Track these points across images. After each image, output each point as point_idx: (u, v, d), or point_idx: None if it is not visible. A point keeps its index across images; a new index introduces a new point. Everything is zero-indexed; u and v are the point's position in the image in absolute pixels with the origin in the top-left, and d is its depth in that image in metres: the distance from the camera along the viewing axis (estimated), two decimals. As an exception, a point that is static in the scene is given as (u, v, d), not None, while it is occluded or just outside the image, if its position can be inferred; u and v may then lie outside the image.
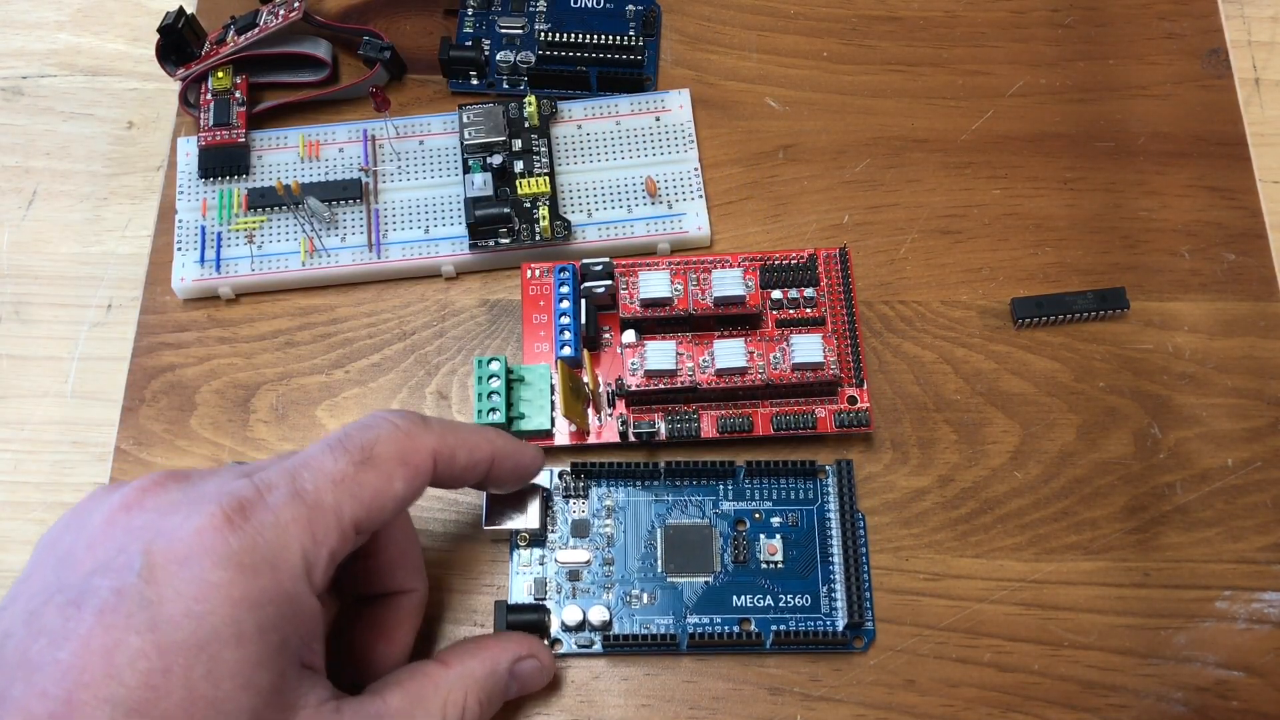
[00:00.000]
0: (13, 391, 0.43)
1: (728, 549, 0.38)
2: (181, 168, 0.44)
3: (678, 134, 0.44)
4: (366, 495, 0.28)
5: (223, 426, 0.40)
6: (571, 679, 0.37)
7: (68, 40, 0.49)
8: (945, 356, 0.41)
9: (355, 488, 0.28)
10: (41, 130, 0.47)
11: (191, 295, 0.42)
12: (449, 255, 0.42)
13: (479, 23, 0.46)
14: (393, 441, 0.29)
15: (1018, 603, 0.38)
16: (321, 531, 0.27)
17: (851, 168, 0.45)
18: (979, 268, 0.43)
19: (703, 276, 0.39)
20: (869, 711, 0.36)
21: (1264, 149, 0.46)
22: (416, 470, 0.29)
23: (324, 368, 0.41)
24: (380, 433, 0.29)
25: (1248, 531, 0.39)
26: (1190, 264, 0.43)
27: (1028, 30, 0.47)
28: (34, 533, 0.41)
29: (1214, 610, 0.38)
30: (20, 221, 0.46)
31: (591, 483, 0.39)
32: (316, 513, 0.27)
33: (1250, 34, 0.49)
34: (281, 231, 0.42)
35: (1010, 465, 0.40)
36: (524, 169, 0.43)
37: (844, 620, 0.37)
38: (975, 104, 0.46)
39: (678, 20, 0.47)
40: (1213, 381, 0.41)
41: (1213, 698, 0.37)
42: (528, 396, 0.39)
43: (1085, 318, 0.42)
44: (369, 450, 0.28)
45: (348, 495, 0.28)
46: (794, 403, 0.39)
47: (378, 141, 0.44)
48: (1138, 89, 0.46)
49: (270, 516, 0.26)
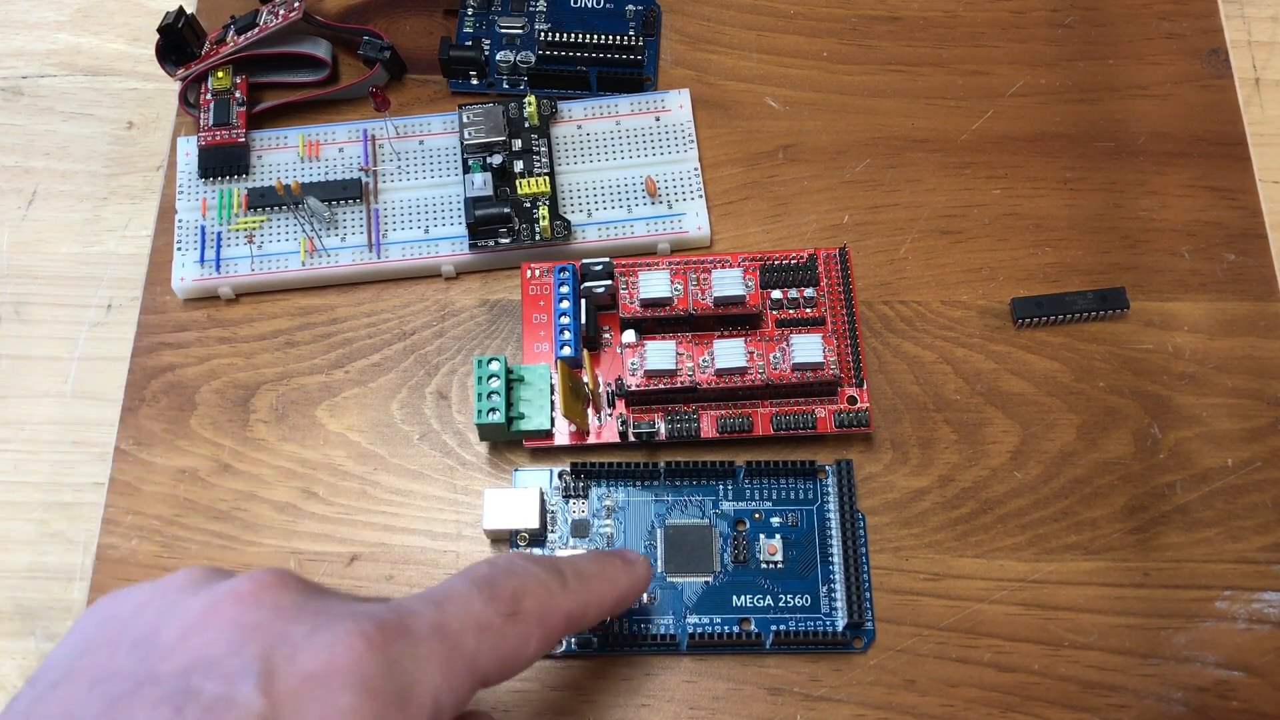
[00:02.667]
0: (13, 391, 0.43)
1: (728, 549, 0.38)
2: (181, 168, 0.44)
3: (678, 134, 0.44)
4: (504, 650, 0.26)
5: (223, 426, 0.40)
6: (571, 679, 0.37)
7: (68, 40, 0.49)
8: (945, 356, 0.41)
9: (497, 639, 0.26)
10: (41, 130, 0.47)
11: (191, 295, 0.42)
12: (449, 255, 0.42)
13: (479, 23, 0.46)
14: (537, 599, 0.27)
15: (1018, 603, 0.38)
16: (457, 676, 0.24)
17: (851, 168, 0.45)
18: (979, 268, 0.43)
19: (703, 276, 0.39)
20: (869, 711, 0.36)
21: (1264, 149, 0.46)
22: (549, 633, 0.27)
23: (324, 368, 0.41)
24: (527, 585, 0.27)
25: (1248, 531, 0.39)
26: (1190, 264, 0.43)
27: (1028, 30, 0.47)
28: (34, 533, 0.41)
29: (1214, 610, 0.38)
30: (20, 221, 0.46)
31: (591, 483, 0.39)
32: (455, 655, 0.25)
33: (1250, 34, 0.49)
34: (281, 231, 0.42)
35: (1010, 465, 0.40)
36: (524, 169, 0.43)
37: (844, 620, 0.37)
38: (975, 104, 0.46)
39: (678, 20, 0.47)
40: (1213, 381, 0.41)
41: (1213, 698, 0.37)
42: (528, 396, 0.39)
43: (1085, 318, 0.42)
44: (517, 603, 0.26)
45: (488, 645, 0.25)
46: (794, 403, 0.39)
47: (378, 141, 0.44)
48: (1138, 89, 0.46)
49: (410, 647, 0.24)
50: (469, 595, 0.26)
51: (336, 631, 0.23)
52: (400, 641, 0.24)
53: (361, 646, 0.23)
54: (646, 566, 0.33)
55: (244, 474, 0.40)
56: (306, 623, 0.23)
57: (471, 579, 0.27)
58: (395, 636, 0.24)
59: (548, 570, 0.28)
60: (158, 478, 0.40)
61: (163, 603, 0.24)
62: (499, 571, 0.27)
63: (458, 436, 0.40)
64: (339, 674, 0.22)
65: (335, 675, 0.22)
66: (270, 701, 0.21)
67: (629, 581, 0.31)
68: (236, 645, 0.23)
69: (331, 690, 0.22)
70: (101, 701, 0.22)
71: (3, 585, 0.40)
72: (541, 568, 0.28)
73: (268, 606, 0.24)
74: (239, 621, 0.23)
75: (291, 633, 0.23)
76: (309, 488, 0.40)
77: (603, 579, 0.30)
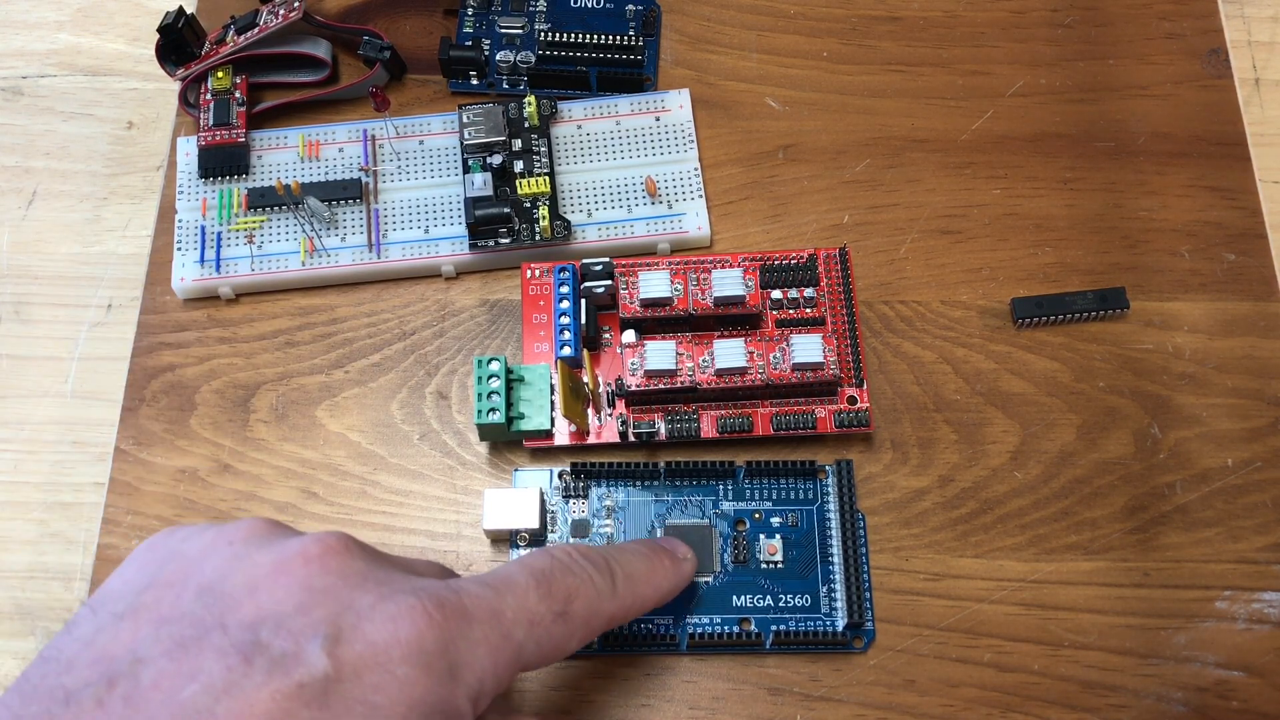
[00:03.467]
0: (13, 391, 0.43)
1: (728, 549, 0.38)
2: (181, 168, 0.44)
3: (678, 134, 0.44)
4: (548, 646, 0.27)
5: (223, 426, 0.40)
6: (571, 679, 0.37)
7: (68, 40, 0.49)
8: (945, 356, 0.41)
9: (544, 635, 0.27)
10: (41, 130, 0.47)
11: (191, 295, 0.42)
12: (449, 255, 0.42)
13: (479, 23, 0.46)
14: (587, 602, 0.28)
15: (1018, 603, 0.38)
16: (503, 662, 0.26)
17: (851, 168, 0.45)
18: (979, 268, 0.43)
19: (703, 276, 0.39)
20: (869, 711, 0.36)
21: (1264, 149, 0.46)
22: (591, 633, 0.29)
23: (324, 368, 0.41)
24: (581, 587, 0.28)
25: (1248, 531, 0.39)
26: (1190, 264, 0.43)
27: (1028, 30, 0.47)
28: (34, 533, 0.41)
29: (1214, 610, 0.38)
30: (20, 221, 0.46)
31: (591, 483, 0.39)
32: (505, 643, 0.26)
33: (1250, 34, 0.49)
34: (281, 231, 0.42)
35: (1010, 465, 0.40)
36: (524, 169, 0.43)
37: (844, 620, 0.37)
38: (975, 104, 0.46)
39: (678, 20, 0.47)
40: (1213, 381, 0.41)
41: (1213, 698, 0.37)
42: (528, 396, 0.39)
43: (1085, 318, 0.42)
44: (569, 603, 0.28)
45: (534, 639, 0.27)
46: (794, 403, 0.39)
47: (378, 141, 0.44)
48: (1138, 89, 0.46)
49: (466, 629, 0.25)
50: (526, 588, 0.27)
51: (400, 605, 0.24)
52: (458, 622, 0.25)
53: (423, 623, 0.24)
54: (693, 565, 0.34)
55: (244, 474, 0.40)
56: (372, 592, 0.24)
57: (531, 571, 0.27)
58: (454, 617, 0.25)
59: (601, 572, 0.29)
60: (158, 478, 0.40)
61: (229, 552, 0.25)
62: (557, 568, 0.28)
63: (458, 436, 0.40)
64: (400, 646, 0.23)
65: (397, 647, 0.23)
66: (335, 664, 0.22)
67: (672, 583, 0.32)
68: (305, 606, 0.23)
69: (392, 660, 0.23)
70: (169, 642, 0.23)
71: (3, 585, 0.40)
72: (595, 569, 0.29)
73: (334, 572, 0.24)
74: (308, 583, 0.24)
75: (358, 600, 0.24)
76: (309, 488, 0.40)
77: (649, 582, 0.31)
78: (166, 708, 0.21)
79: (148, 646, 0.23)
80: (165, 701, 0.22)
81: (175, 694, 0.22)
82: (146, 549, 0.26)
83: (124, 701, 0.22)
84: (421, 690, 0.23)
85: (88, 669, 0.22)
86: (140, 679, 0.22)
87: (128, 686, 0.22)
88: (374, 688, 0.23)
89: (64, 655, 0.23)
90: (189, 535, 0.26)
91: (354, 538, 0.26)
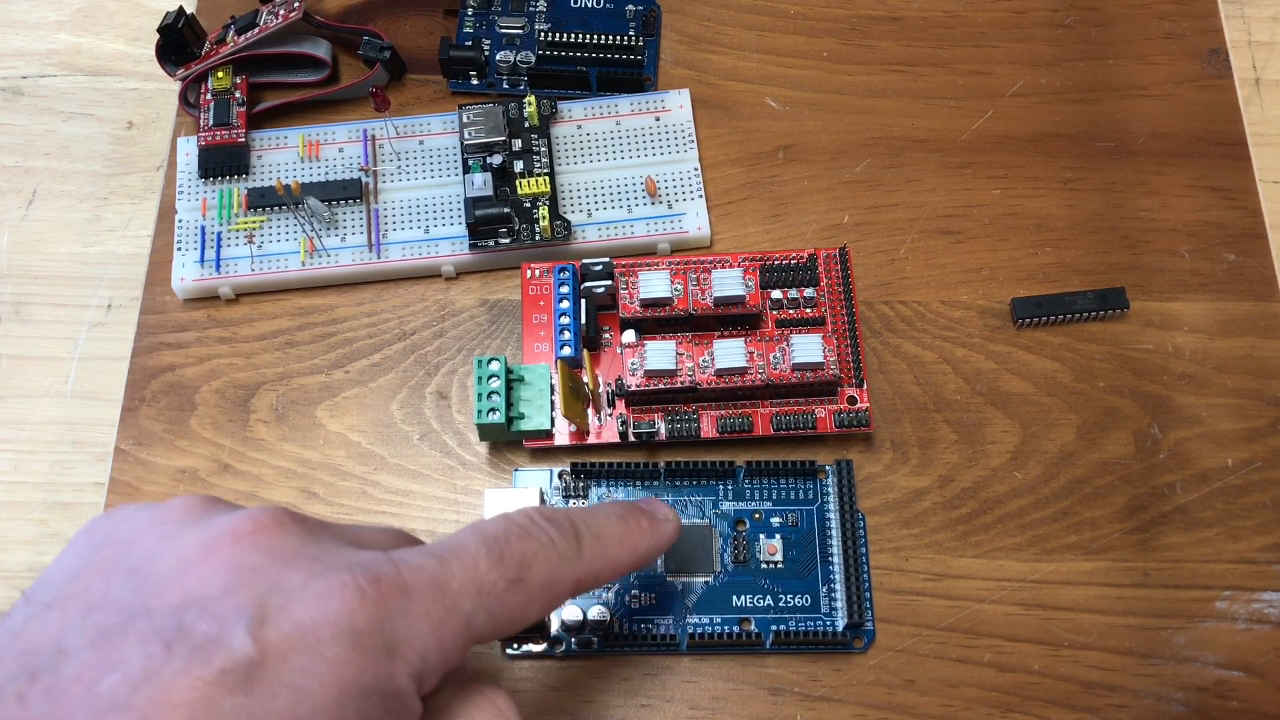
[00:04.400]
0: (13, 391, 0.43)
1: (728, 549, 0.38)
2: (181, 168, 0.44)
3: (678, 134, 0.44)
4: (502, 616, 0.25)
5: (223, 426, 0.40)
6: (571, 679, 0.37)
7: (68, 40, 0.49)
8: (945, 356, 0.41)
9: (495, 605, 0.25)
10: (41, 130, 0.47)
11: (191, 295, 0.42)
12: (449, 255, 0.42)
13: (479, 23, 0.46)
14: (547, 565, 0.26)
15: (1018, 603, 0.38)
16: (449, 636, 0.24)
17: (851, 168, 0.45)
18: (979, 268, 0.43)
19: (703, 276, 0.39)
20: (869, 711, 0.36)
21: (1264, 149, 0.46)
22: (554, 600, 0.27)
23: (324, 368, 0.41)
24: (539, 551, 0.26)
25: (1248, 531, 0.39)
26: (1190, 264, 0.43)
27: (1028, 30, 0.47)
28: (34, 533, 0.41)
29: (1214, 610, 0.38)
30: (20, 221, 0.46)
31: (591, 483, 0.39)
32: (450, 615, 0.24)
33: (1250, 34, 0.49)
34: (281, 231, 0.42)
35: (1010, 465, 0.40)
36: (524, 169, 0.43)
37: (844, 620, 0.37)
38: (975, 104, 0.46)
39: (678, 20, 0.47)
40: (1213, 381, 0.41)
41: (1213, 698, 0.37)
42: (528, 396, 0.39)
43: (1085, 318, 0.42)
44: (525, 569, 0.26)
45: (485, 609, 0.25)
46: (794, 403, 0.39)
47: (378, 141, 0.44)
48: (1138, 89, 0.46)
49: (404, 604, 0.23)
50: (475, 555, 0.25)
51: (331, 583, 0.23)
52: (395, 598, 0.23)
53: (354, 600, 0.23)
54: (675, 526, 0.31)
55: (244, 474, 0.40)
56: (303, 569, 0.23)
57: (482, 537, 0.26)
58: (390, 593, 0.23)
59: (563, 534, 0.27)
60: (158, 478, 0.40)
61: (160, 532, 0.24)
62: (513, 531, 0.26)
63: (458, 436, 0.40)
64: (329, 626, 0.22)
65: (325, 627, 0.22)
66: (260, 647, 0.21)
67: (650, 544, 0.30)
68: (231, 587, 0.22)
69: (320, 642, 0.22)
70: (93, 631, 0.22)
71: (3, 585, 0.40)
72: (557, 530, 0.27)
73: (264, 550, 0.23)
74: (235, 563, 0.23)
75: (286, 579, 0.23)
76: (309, 488, 0.40)
77: (622, 544, 0.29)
78: (85, 700, 0.21)
79: (72, 636, 0.22)
80: (84, 694, 0.21)
81: (94, 685, 0.21)
82: (83, 534, 0.25)
83: (45, 695, 0.21)
84: (354, 671, 0.22)
85: (13, 662, 0.22)
86: (62, 671, 0.21)
87: (49, 680, 0.21)
88: (302, 670, 0.22)
89: None
90: (123, 515, 0.25)
91: (291, 511, 0.25)
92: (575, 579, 0.27)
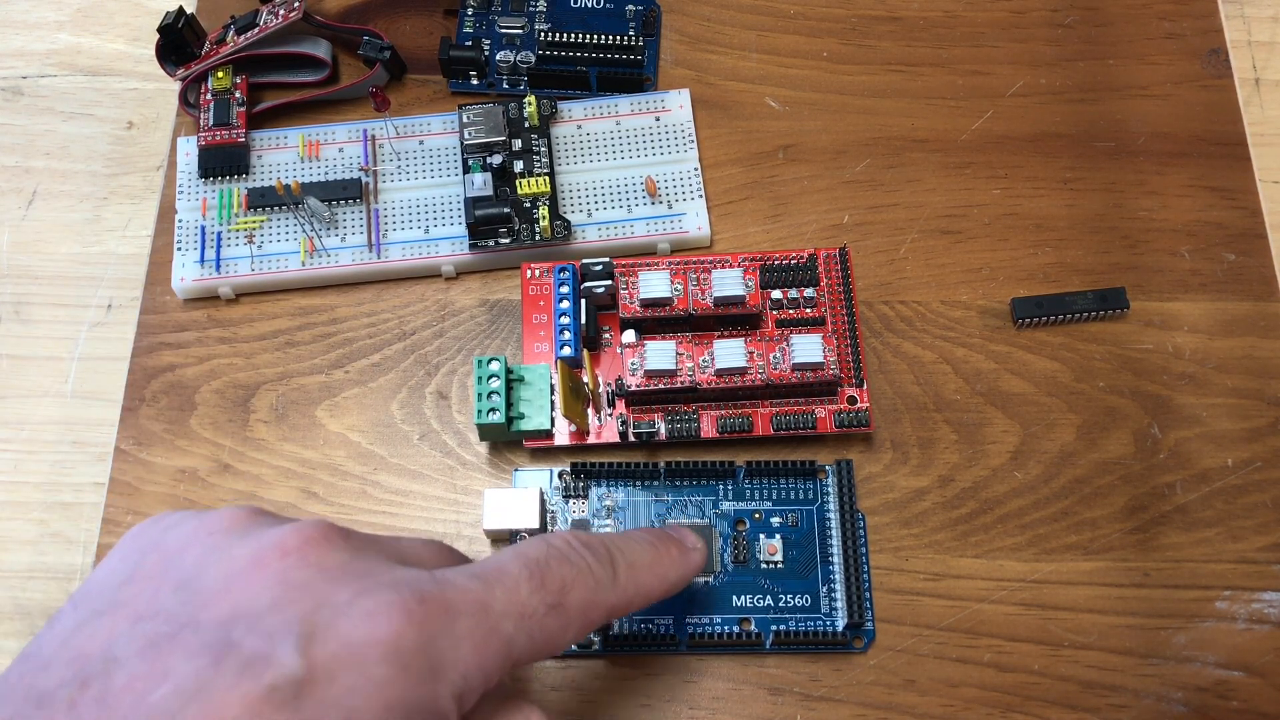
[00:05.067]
0: (13, 391, 0.43)
1: (728, 549, 0.38)
2: (181, 168, 0.44)
3: (678, 134, 0.44)
4: (541, 639, 0.26)
5: (223, 426, 0.40)
6: (571, 679, 0.37)
7: (68, 40, 0.49)
8: (945, 356, 0.41)
9: (535, 628, 0.25)
10: (41, 130, 0.47)
11: (191, 295, 0.42)
12: (449, 255, 0.42)
13: (479, 23, 0.46)
14: (584, 592, 0.27)
15: (1018, 603, 0.38)
16: (490, 658, 0.24)
17: (851, 168, 0.45)
18: (979, 268, 0.43)
19: (703, 276, 0.39)
20: (869, 711, 0.36)
21: (1264, 149, 0.46)
22: (589, 625, 0.27)
23: (324, 368, 0.41)
24: (578, 576, 0.27)
25: (1248, 531, 0.39)
26: (1190, 264, 0.43)
27: (1028, 30, 0.47)
28: (34, 533, 0.41)
29: (1214, 610, 0.38)
30: (20, 221, 0.46)
31: (591, 483, 0.39)
32: (492, 637, 0.24)
33: (1250, 34, 0.49)
34: (281, 231, 0.42)
35: (1010, 465, 0.40)
36: (524, 169, 0.43)
37: (844, 620, 0.37)
38: (975, 104, 0.46)
39: (678, 20, 0.47)
40: (1213, 381, 0.41)
41: (1213, 698, 0.37)
42: (528, 396, 0.39)
43: (1085, 318, 0.42)
44: (564, 594, 0.26)
45: (525, 632, 0.25)
46: (794, 403, 0.39)
47: (378, 141, 0.44)
48: (1138, 89, 0.46)
49: (449, 624, 0.24)
50: (518, 579, 0.26)
51: (379, 601, 0.23)
52: (440, 618, 0.23)
53: (401, 620, 0.23)
54: (702, 555, 0.32)
55: (244, 474, 0.40)
56: (350, 586, 0.23)
57: (524, 561, 0.26)
58: (436, 613, 0.23)
59: (600, 561, 0.28)
60: (158, 478, 0.40)
61: (208, 543, 0.24)
62: (553, 557, 0.27)
63: (458, 436, 0.40)
64: (376, 646, 0.22)
65: (373, 647, 0.22)
66: (307, 664, 0.22)
67: (679, 573, 0.31)
68: (279, 603, 0.23)
69: (368, 661, 0.22)
70: (142, 640, 0.22)
71: (3, 585, 0.40)
72: (595, 558, 0.28)
73: (312, 565, 0.24)
74: (283, 578, 0.23)
75: (334, 596, 0.23)
76: (309, 488, 0.40)
77: (654, 571, 0.30)
78: (136, 710, 0.21)
79: (122, 645, 0.22)
80: (135, 704, 0.21)
81: (145, 696, 0.21)
82: (130, 539, 0.26)
83: (96, 703, 0.21)
84: (400, 691, 0.22)
85: (64, 668, 0.22)
86: (113, 680, 0.21)
87: (100, 688, 0.21)
88: (349, 689, 0.22)
89: (43, 654, 0.23)
90: (170, 524, 0.25)
91: (336, 526, 0.25)
92: (610, 605, 0.28)
